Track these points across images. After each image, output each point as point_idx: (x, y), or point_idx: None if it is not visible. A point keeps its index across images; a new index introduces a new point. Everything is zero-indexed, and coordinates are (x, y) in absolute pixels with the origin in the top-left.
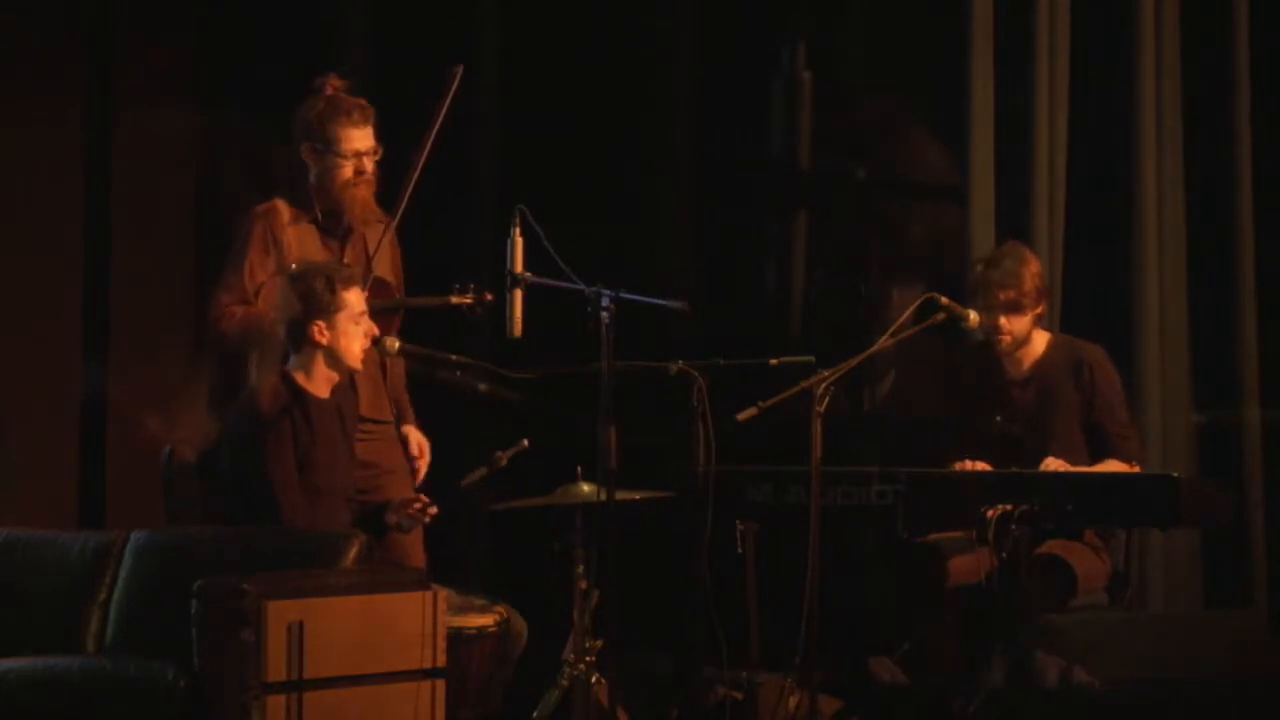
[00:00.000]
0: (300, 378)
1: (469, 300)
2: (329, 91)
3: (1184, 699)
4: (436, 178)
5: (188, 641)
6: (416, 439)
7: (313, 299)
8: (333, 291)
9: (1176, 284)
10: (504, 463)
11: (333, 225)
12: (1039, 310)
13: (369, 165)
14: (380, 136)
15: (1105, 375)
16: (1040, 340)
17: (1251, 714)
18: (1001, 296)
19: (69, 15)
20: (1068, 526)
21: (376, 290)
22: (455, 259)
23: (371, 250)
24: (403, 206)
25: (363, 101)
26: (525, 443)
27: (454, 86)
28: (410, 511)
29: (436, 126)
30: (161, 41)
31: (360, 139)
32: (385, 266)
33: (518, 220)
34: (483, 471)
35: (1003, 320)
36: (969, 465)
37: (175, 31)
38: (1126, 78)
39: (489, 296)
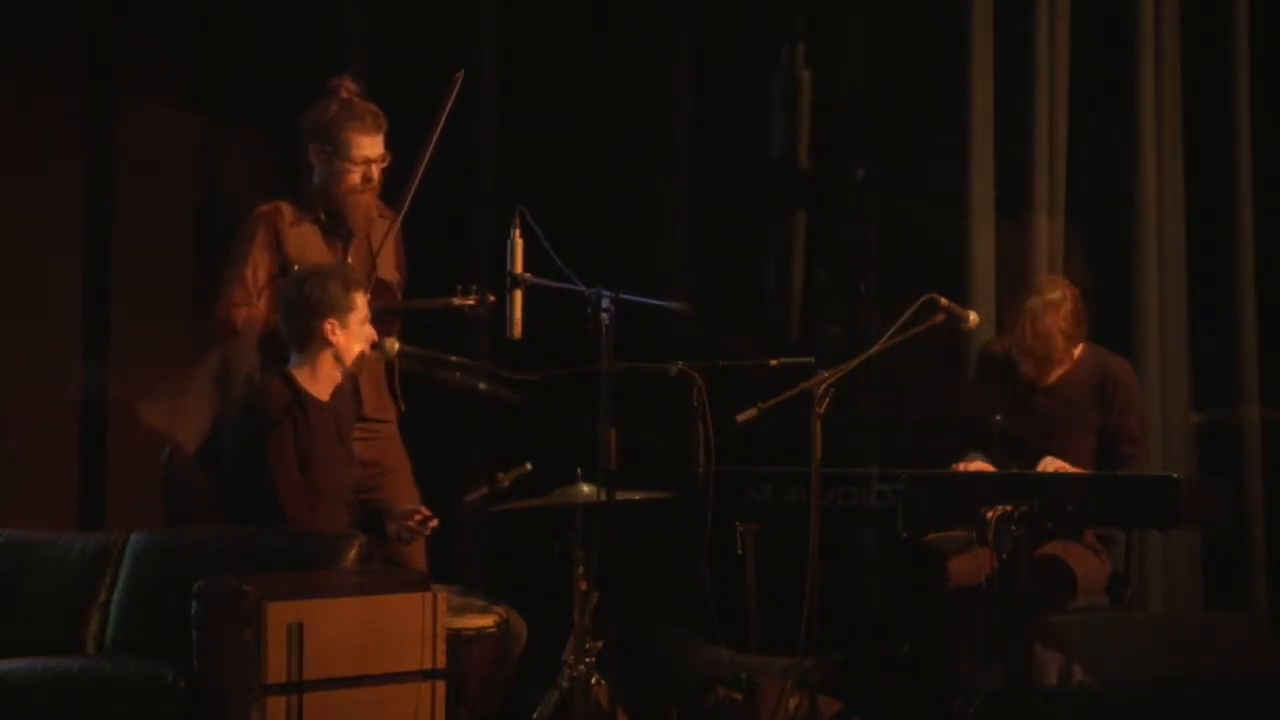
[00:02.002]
0: (303, 378)
1: (471, 302)
2: (343, 95)
3: (1184, 699)
4: (437, 178)
5: (188, 642)
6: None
7: (327, 298)
8: (347, 291)
9: (1176, 284)
10: (506, 484)
11: (336, 226)
12: (1076, 338)
13: (376, 173)
14: (387, 141)
15: (1128, 392)
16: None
17: (1251, 714)
18: (1044, 355)
19: (69, 15)
20: (1068, 527)
21: (378, 292)
22: (455, 259)
23: (375, 249)
24: (404, 211)
25: (375, 108)
26: (528, 466)
27: (454, 93)
28: (410, 524)
29: (437, 133)
30: (161, 41)
31: (371, 146)
32: (389, 266)
33: (518, 221)
34: (484, 491)
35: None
36: (967, 465)
37: (175, 31)
38: (1127, 78)
39: (491, 299)
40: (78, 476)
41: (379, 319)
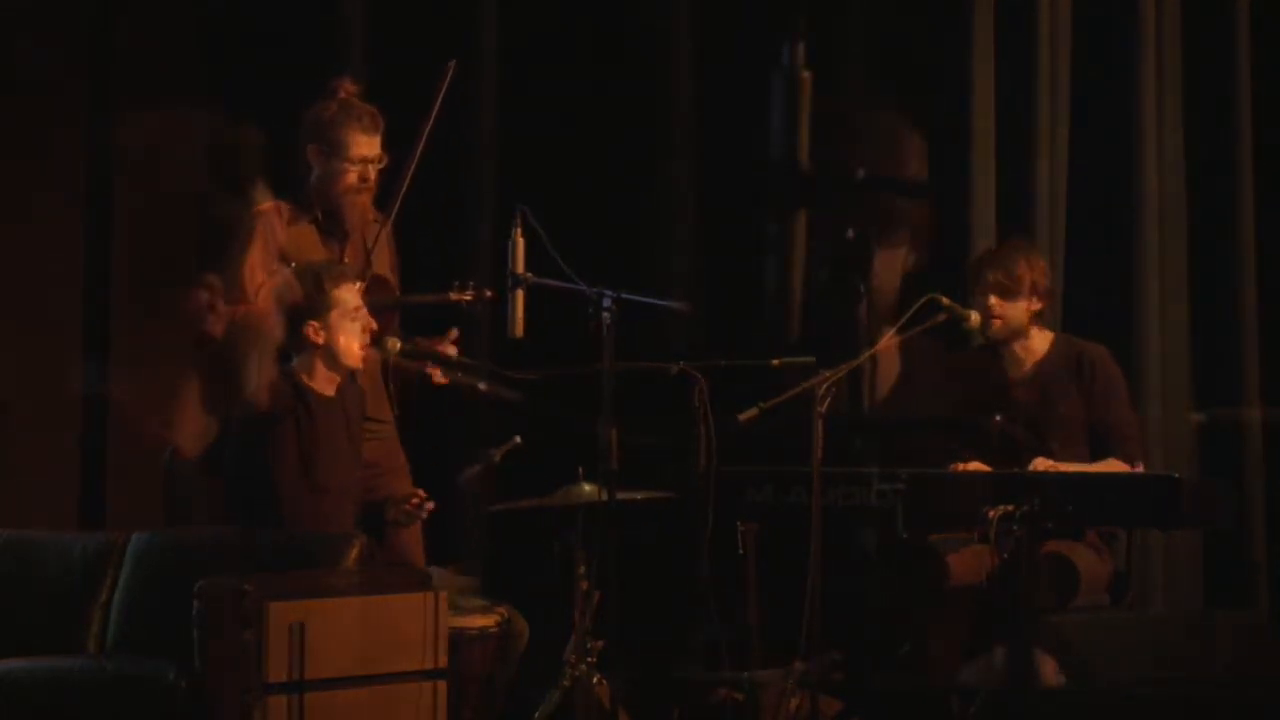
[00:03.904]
0: (304, 377)
1: (468, 297)
2: (342, 95)
3: (1184, 699)
4: (437, 178)
5: (188, 642)
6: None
7: (304, 300)
8: (322, 290)
9: (1177, 283)
10: (498, 459)
11: (332, 226)
12: (1036, 306)
13: (373, 173)
14: (384, 142)
15: (1106, 374)
16: (1043, 340)
17: (1251, 714)
18: (990, 277)
19: (69, 16)
20: (1068, 527)
21: (375, 287)
22: (456, 259)
23: (369, 246)
24: (398, 205)
25: (374, 109)
26: (518, 439)
27: (446, 83)
28: (408, 507)
29: (430, 123)
30: (161, 41)
31: (368, 146)
32: (384, 265)
33: (519, 221)
34: (477, 468)
35: (992, 300)
36: (965, 466)
37: (175, 31)
38: (1128, 77)
39: (489, 293)
40: (78, 476)
41: (377, 314)
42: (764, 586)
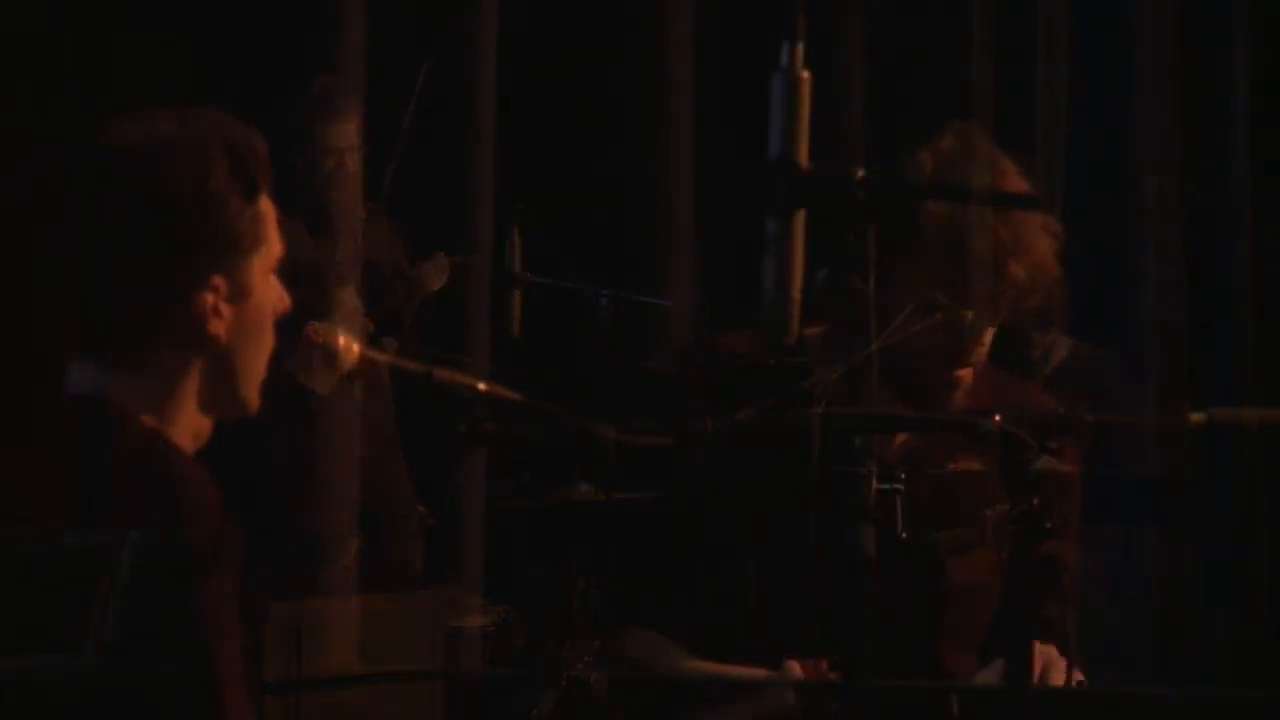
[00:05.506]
0: (301, 376)
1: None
2: (317, 90)
3: (1182, 700)
4: (435, 176)
5: (188, 642)
6: None
7: (302, 299)
8: (320, 288)
9: (1176, 283)
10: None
11: (322, 224)
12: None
13: (350, 163)
14: (374, 135)
15: (1113, 379)
16: (1060, 348)
17: (1251, 716)
18: (1030, 303)
19: (68, 15)
20: (1068, 526)
21: (369, 281)
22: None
23: (359, 240)
24: (383, 194)
25: (351, 99)
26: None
27: (421, 83)
28: (409, 527)
29: (407, 124)
30: (161, 42)
31: (340, 136)
32: (382, 259)
33: (517, 219)
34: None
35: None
36: (964, 466)
37: (175, 32)
38: (1126, 77)
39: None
40: (77, 475)
41: (371, 309)
42: (762, 586)
